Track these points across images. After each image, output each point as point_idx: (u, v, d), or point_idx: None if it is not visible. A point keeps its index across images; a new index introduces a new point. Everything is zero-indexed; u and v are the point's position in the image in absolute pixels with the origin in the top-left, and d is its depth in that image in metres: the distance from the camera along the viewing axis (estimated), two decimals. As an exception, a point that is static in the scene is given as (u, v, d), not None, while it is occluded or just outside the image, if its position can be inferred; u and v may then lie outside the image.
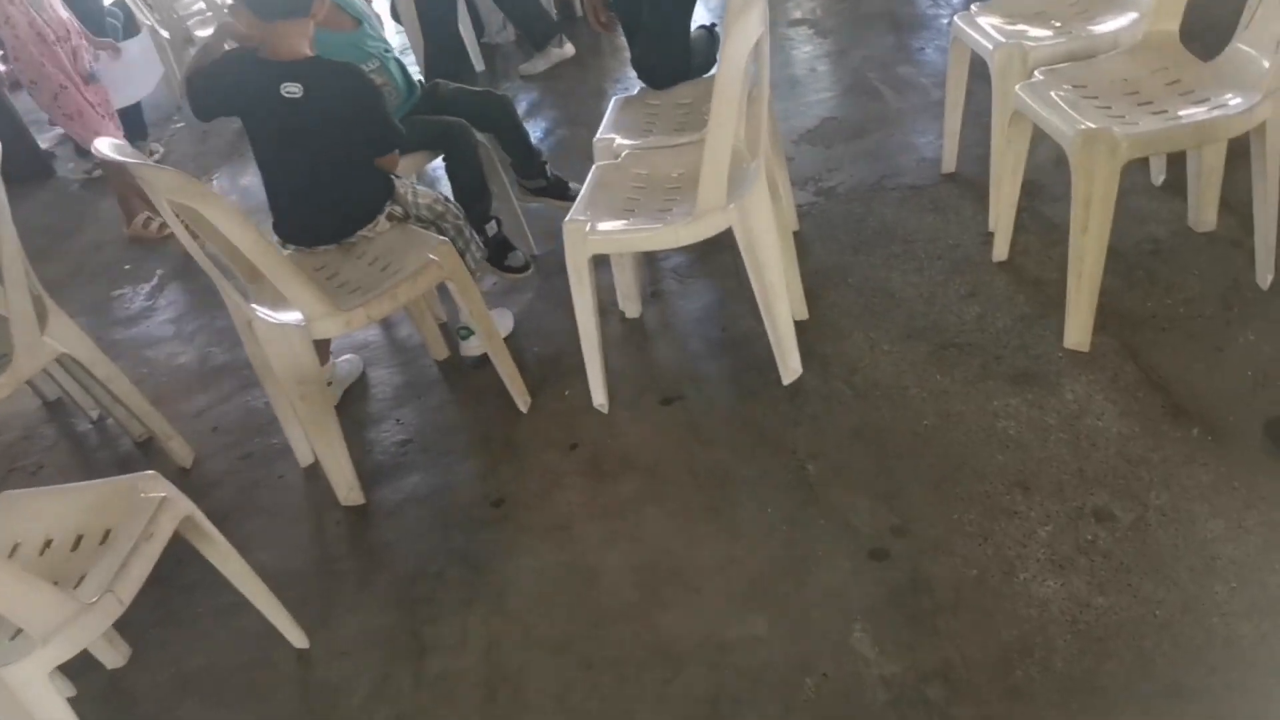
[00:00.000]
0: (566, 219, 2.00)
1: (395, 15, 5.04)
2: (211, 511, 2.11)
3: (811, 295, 2.36)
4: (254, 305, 2.01)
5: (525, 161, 2.83)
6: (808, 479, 1.85)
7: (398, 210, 2.18)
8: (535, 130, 3.97)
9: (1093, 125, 1.80)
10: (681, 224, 1.90)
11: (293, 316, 1.94)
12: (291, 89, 1.92)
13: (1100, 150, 1.78)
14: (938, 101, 3.23)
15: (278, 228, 2.18)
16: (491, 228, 2.67)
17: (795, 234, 2.66)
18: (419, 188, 2.28)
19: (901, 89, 3.43)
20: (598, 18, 2.78)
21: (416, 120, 2.60)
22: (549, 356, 2.47)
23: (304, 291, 1.85)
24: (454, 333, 2.53)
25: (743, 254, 1.97)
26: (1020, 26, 2.38)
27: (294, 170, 2.05)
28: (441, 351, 2.55)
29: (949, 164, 2.79)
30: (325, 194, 2.08)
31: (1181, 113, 1.85)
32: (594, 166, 2.24)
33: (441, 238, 2.09)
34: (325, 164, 2.04)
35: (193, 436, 2.48)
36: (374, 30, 2.58)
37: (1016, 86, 2.04)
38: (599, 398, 2.18)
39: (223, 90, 2.01)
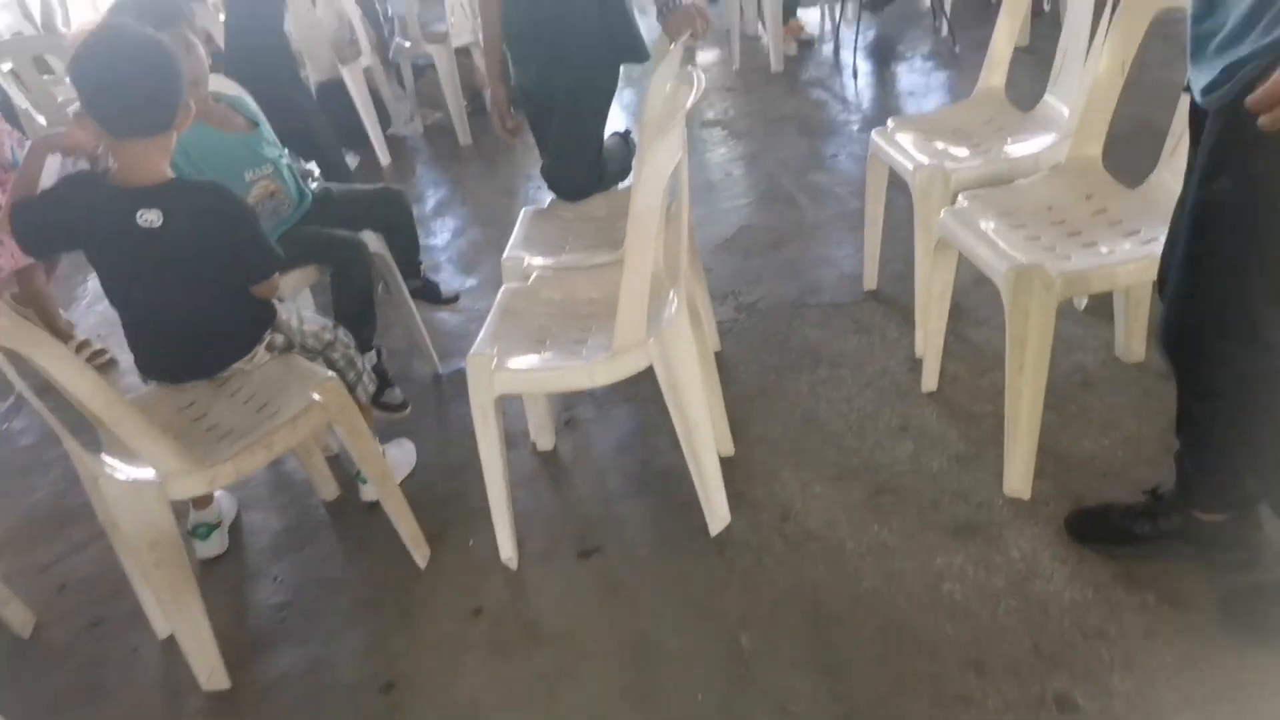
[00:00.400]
0: (471, 351, 1.81)
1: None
2: (49, 697, 1.83)
3: (737, 427, 2.20)
4: (104, 456, 1.74)
5: (405, 260, 2.65)
6: (742, 654, 1.66)
7: (279, 339, 1.94)
8: (443, 231, 3.80)
9: (1025, 261, 1.71)
10: (598, 362, 1.72)
11: (147, 470, 1.68)
12: (149, 217, 1.68)
13: (1035, 288, 1.69)
14: (854, 211, 3.19)
15: (138, 363, 1.91)
16: (371, 358, 2.46)
17: (717, 354, 2.52)
18: (305, 314, 2.05)
19: (817, 197, 3.39)
20: (503, 123, 2.63)
21: (305, 232, 2.39)
22: (452, 494, 2.24)
23: (157, 447, 1.59)
24: (350, 474, 2.28)
25: (664, 391, 1.80)
26: (939, 145, 2.33)
27: (154, 305, 1.80)
28: (330, 490, 2.29)
29: (870, 281, 2.71)
30: (192, 328, 1.84)
31: (1113, 248, 1.78)
32: (502, 289, 2.06)
33: (328, 373, 1.86)
34: (191, 296, 1.79)
35: (36, 596, 2.15)
36: (269, 134, 2.38)
37: (941, 213, 1.96)
38: (507, 551, 1.96)
39: (62, 223, 1.74)
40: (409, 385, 2.72)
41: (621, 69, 2.49)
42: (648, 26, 2.48)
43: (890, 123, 2.44)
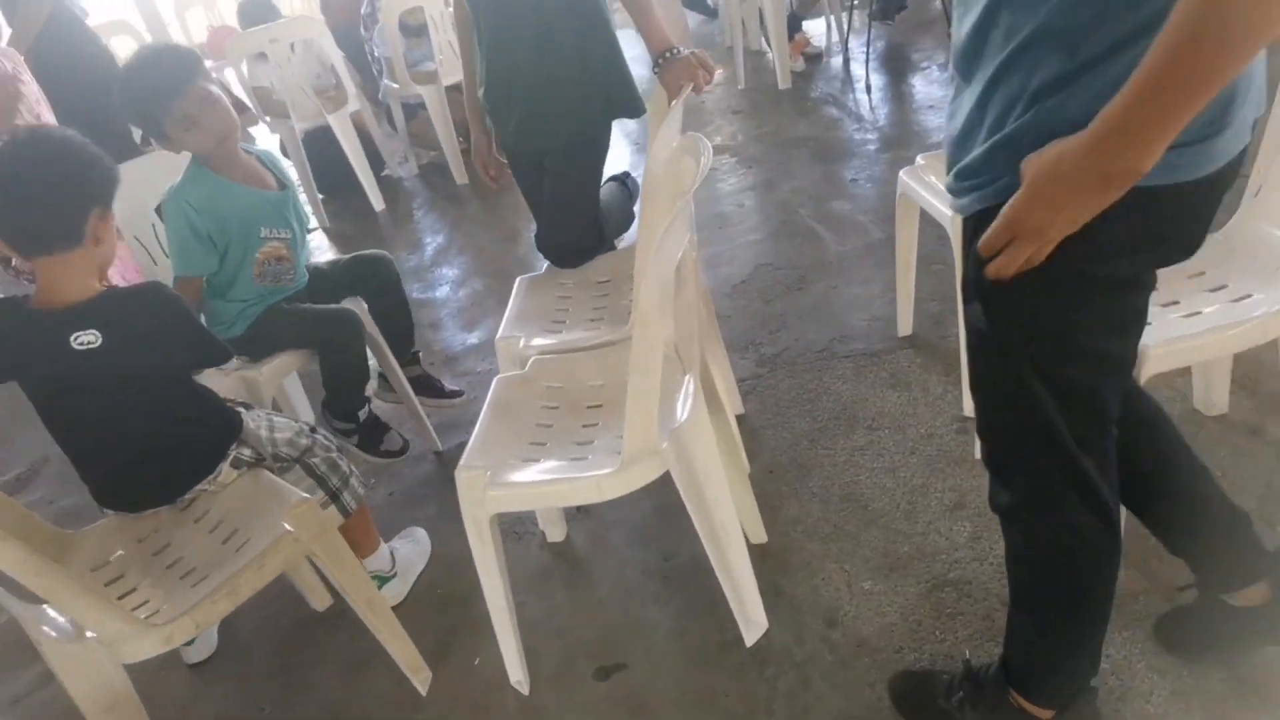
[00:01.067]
0: (461, 463, 1.58)
1: (284, 152, 4.67)
2: None
3: (768, 507, 1.97)
4: (47, 609, 1.52)
5: (398, 345, 2.44)
6: (791, 806, 1.42)
7: (246, 454, 1.73)
8: (443, 284, 3.58)
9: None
10: (604, 475, 1.49)
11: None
12: (85, 339, 1.47)
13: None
14: (880, 242, 2.96)
15: (93, 492, 1.70)
16: (365, 412, 2.30)
17: (740, 418, 2.29)
18: (276, 419, 1.83)
19: (839, 229, 3.15)
20: (486, 170, 2.41)
21: (292, 309, 2.20)
22: (456, 596, 2.01)
23: (100, 614, 1.37)
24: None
25: (682, 494, 1.56)
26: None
27: (103, 431, 1.59)
28: (323, 598, 2.07)
29: (905, 325, 2.47)
30: (147, 451, 1.62)
31: (1199, 308, 1.52)
32: (495, 381, 1.83)
33: (302, 495, 1.64)
34: (142, 416, 1.58)
35: (4, 737, 1.94)
36: (296, 201, 2.22)
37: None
38: (516, 674, 1.73)
39: None
40: (405, 465, 2.50)
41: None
42: (641, 78, 2.25)
43: (920, 159, 2.20)
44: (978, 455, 1.97)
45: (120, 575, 1.61)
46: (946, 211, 1.98)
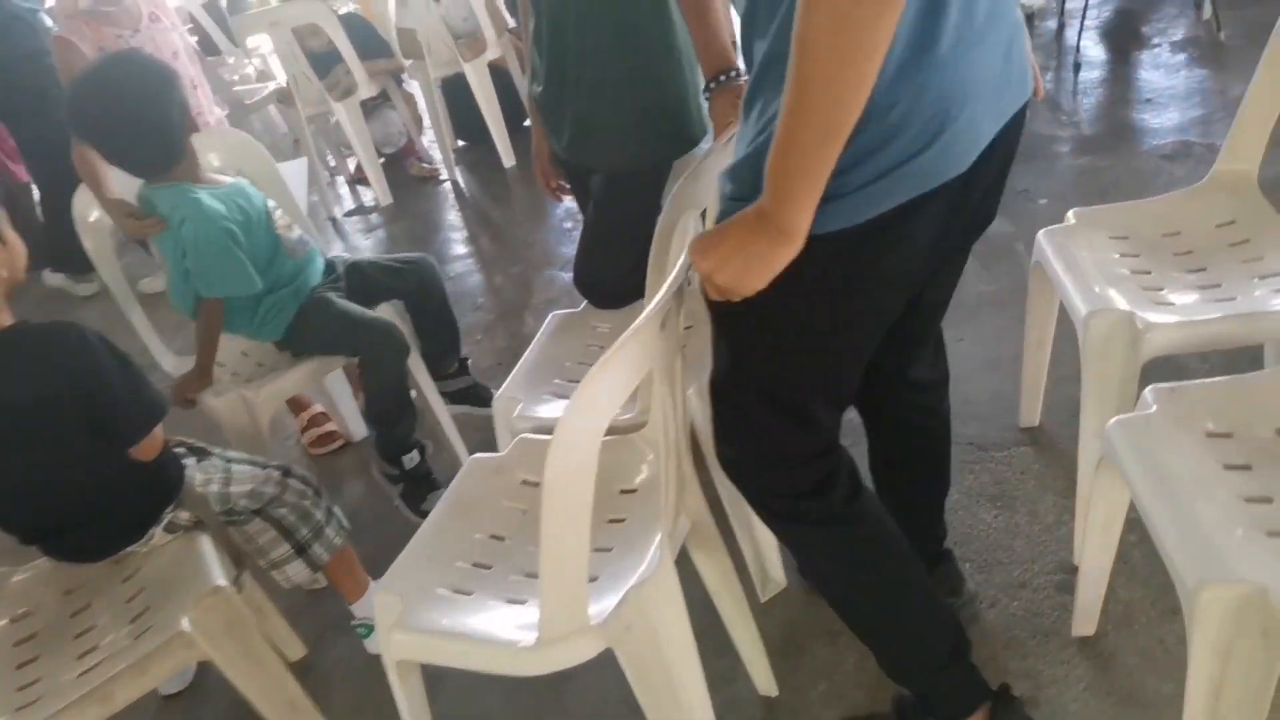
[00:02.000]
0: (378, 582, 1.33)
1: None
2: None
3: (791, 644, 1.62)
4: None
5: (442, 353, 2.24)
6: None
7: (183, 518, 1.54)
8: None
9: (1252, 582, 0.96)
10: (524, 649, 1.17)
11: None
12: None
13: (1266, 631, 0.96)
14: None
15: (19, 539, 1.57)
16: (412, 458, 2.08)
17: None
18: (237, 469, 1.63)
19: (988, 258, 2.60)
20: (546, 180, 2.11)
21: (328, 307, 1.99)
22: (434, 676, 1.78)
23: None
24: (349, 625, 1.86)
25: (627, 673, 1.22)
26: (1137, 267, 1.55)
27: (11, 484, 1.43)
28: (296, 649, 1.89)
29: (1029, 415, 1.97)
30: (61, 510, 1.46)
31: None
32: (466, 463, 1.54)
33: (216, 584, 1.42)
34: (50, 472, 1.41)
35: None
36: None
37: (1110, 423, 1.21)
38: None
39: None
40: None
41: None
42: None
43: (1071, 217, 1.69)
44: (1075, 632, 1.51)
45: (32, 635, 1.49)
46: (1079, 305, 1.47)
